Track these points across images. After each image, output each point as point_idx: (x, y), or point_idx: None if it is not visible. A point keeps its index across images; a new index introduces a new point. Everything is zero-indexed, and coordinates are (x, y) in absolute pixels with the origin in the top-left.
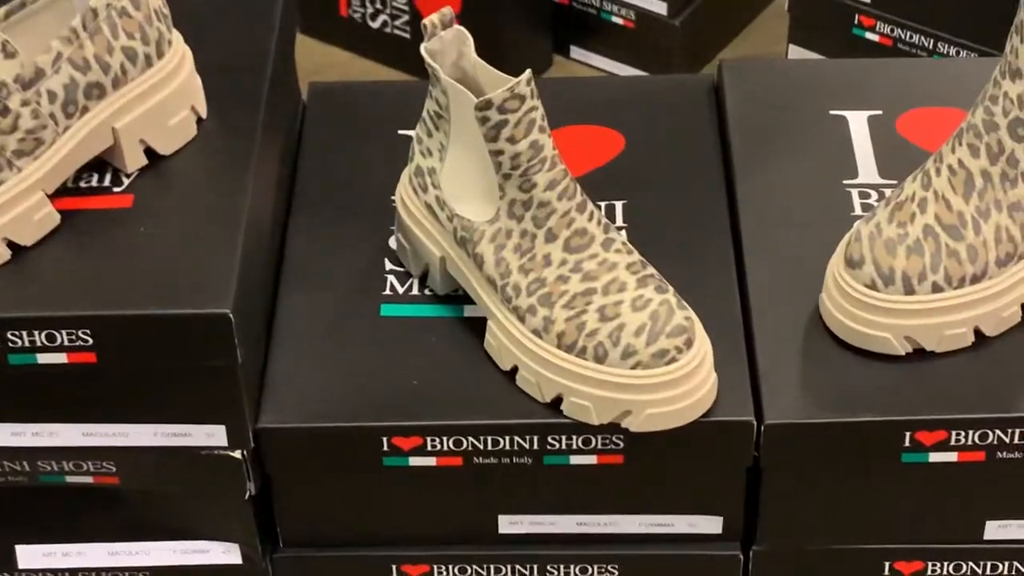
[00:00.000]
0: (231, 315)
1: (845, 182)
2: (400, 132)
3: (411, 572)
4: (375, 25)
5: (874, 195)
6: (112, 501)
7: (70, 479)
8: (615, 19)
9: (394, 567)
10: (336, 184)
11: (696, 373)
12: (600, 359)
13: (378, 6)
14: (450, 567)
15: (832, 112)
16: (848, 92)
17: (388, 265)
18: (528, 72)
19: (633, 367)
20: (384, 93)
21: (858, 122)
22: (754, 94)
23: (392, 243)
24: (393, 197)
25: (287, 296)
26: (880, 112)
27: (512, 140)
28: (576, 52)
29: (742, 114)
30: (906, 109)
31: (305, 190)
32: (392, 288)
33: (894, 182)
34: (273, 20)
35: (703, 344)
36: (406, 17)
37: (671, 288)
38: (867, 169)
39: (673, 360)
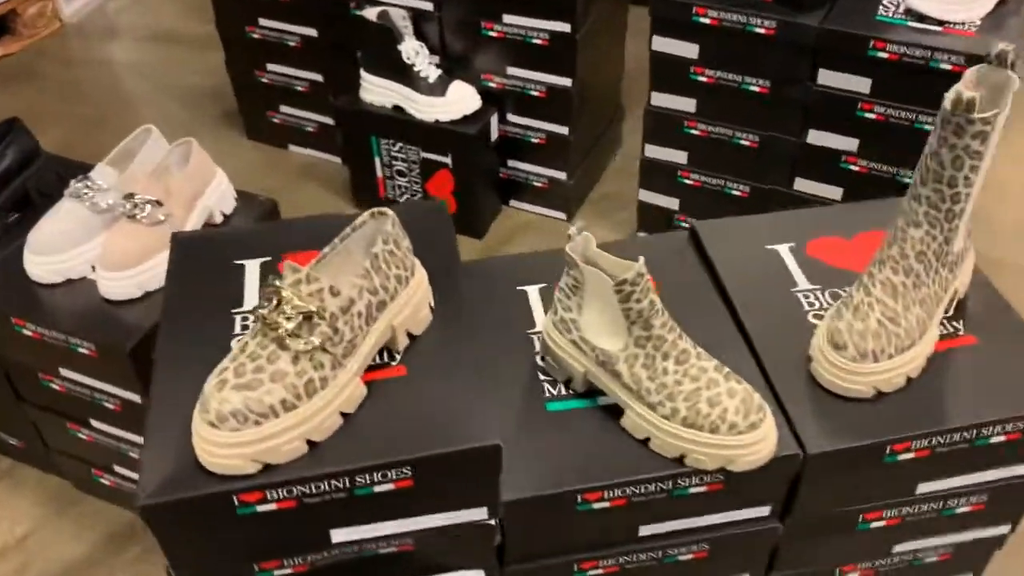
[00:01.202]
0: (501, 444)
1: (792, 289)
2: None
3: (585, 567)
4: (400, 200)
5: (811, 296)
6: (407, 558)
7: (382, 551)
8: (536, 183)
9: (575, 565)
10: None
11: (770, 432)
12: (714, 431)
13: (402, 190)
14: (606, 560)
15: (767, 247)
16: (767, 234)
17: (541, 376)
18: (641, 259)
19: (736, 434)
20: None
21: (784, 251)
22: (716, 239)
23: (539, 362)
24: (529, 333)
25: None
26: (793, 243)
27: (638, 300)
28: (514, 202)
29: (717, 252)
30: (806, 240)
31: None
32: (549, 392)
33: (819, 286)
34: (450, 238)
35: (768, 412)
36: (420, 195)
37: (743, 379)
38: (800, 279)
39: (756, 427)
